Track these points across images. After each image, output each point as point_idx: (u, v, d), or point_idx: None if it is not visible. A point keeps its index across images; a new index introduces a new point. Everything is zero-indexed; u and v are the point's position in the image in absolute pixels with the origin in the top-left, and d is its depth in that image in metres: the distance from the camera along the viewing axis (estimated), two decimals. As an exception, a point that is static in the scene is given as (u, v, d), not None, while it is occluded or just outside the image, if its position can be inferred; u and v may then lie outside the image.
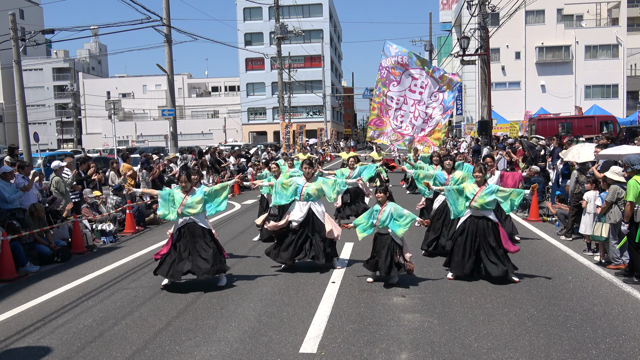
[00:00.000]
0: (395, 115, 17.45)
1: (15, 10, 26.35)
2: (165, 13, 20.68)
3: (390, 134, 17.86)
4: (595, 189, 8.50)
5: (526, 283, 6.96)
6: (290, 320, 5.82)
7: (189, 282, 7.33)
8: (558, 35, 49.94)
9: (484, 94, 22.94)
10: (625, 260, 7.43)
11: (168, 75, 21.67)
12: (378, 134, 17.92)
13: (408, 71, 17.12)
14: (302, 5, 59.64)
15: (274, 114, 60.53)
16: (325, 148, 42.51)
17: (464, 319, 5.70)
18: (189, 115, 70.77)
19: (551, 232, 10.35)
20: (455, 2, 65.57)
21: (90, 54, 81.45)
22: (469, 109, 52.66)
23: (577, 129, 27.54)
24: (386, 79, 17.25)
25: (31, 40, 20.78)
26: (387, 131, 17.77)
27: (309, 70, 61.25)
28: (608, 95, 49.49)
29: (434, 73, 17.09)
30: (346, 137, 76.55)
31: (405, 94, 17.19)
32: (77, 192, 11.45)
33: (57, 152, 27.02)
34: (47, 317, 6.18)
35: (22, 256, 8.45)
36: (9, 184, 9.19)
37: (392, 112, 17.39)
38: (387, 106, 17.42)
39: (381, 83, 17.51)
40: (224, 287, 7.09)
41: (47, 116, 70.91)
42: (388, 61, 17.06)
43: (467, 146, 29.82)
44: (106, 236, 10.83)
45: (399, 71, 17.14)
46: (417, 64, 17.12)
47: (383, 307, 6.17)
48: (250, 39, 63.24)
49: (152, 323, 5.85)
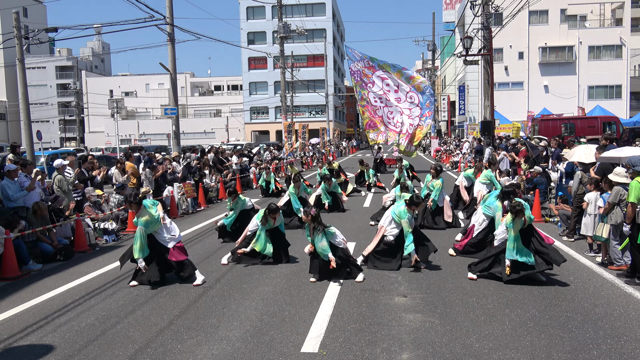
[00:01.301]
0: (384, 112, 17.51)
1: (19, 9, 26.47)
2: (169, 12, 20.71)
3: (386, 133, 17.93)
4: (596, 190, 8.51)
5: (527, 283, 6.95)
6: (292, 319, 5.84)
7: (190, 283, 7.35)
8: (561, 36, 49.85)
9: (487, 94, 22.91)
10: (627, 261, 7.42)
11: (171, 74, 21.69)
12: (377, 134, 18.00)
13: (375, 73, 17.26)
14: (305, 5, 59.71)
15: (277, 113, 60.59)
16: (328, 148, 42.46)
17: (465, 319, 5.71)
18: (192, 114, 70.90)
19: (553, 233, 10.34)
20: (459, 2, 65.51)
21: (93, 53, 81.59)
22: (471, 109, 52.60)
23: (580, 130, 27.52)
24: (361, 81, 17.36)
25: (34, 38, 20.81)
26: (382, 130, 17.81)
27: (312, 69, 61.31)
28: (611, 96, 49.40)
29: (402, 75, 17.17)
30: (349, 137, 76.56)
31: (383, 91, 17.27)
32: (80, 191, 11.48)
33: (59, 151, 27.03)
34: (49, 316, 6.21)
35: (25, 254, 8.49)
36: (13, 182, 9.24)
37: (380, 111, 17.47)
38: (373, 106, 17.50)
39: (359, 87, 17.65)
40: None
41: (50, 114, 71.10)
42: (356, 65, 17.15)
43: (470, 146, 29.80)
44: (108, 235, 10.85)
45: (369, 73, 17.25)
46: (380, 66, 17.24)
47: (384, 307, 6.18)
48: (253, 38, 63.32)
49: (154, 322, 5.87)
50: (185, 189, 14.46)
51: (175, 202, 13.93)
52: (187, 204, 14.56)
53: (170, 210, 13.79)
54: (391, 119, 17.49)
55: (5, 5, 56.90)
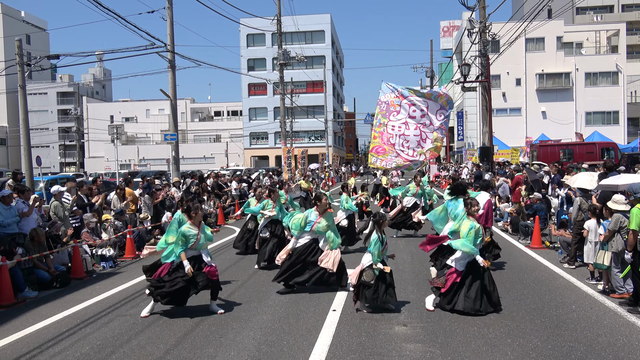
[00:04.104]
0: (399, 142, 17.60)
1: (22, 36, 26.73)
2: (170, 39, 20.96)
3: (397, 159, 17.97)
4: (594, 217, 8.47)
5: (529, 312, 6.88)
6: (290, 349, 5.74)
7: (188, 309, 7.25)
8: (558, 62, 50.43)
9: (485, 120, 23.05)
10: (629, 289, 7.34)
11: (171, 100, 21.85)
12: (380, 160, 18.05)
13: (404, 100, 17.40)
14: (304, 32, 60.42)
15: (276, 138, 60.81)
16: (327, 173, 42.52)
17: (466, 350, 5.61)
18: (192, 139, 71.16)
19: (554, 260, 10.27)
20: (456, 29, 66.49)
21: (94, 79, 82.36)
22: (470, 134, 52.88)
23: (578, 156, 27.59)
24: (386, 111, 17.51)
25: (37, 65, 21.03)
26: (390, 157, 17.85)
27: (311, 95, 61.76)
28: (609, 122, 49.73)
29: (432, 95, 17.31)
30: (347, 162, 76.71)
31: (406, 120, 17.38)
32: (78, 217, 11.43)
33: (59, 176, 27.06)
34: (44, 345, 6.10)
35: (21, 281, 8.39)
36: (7, 208, 9.17)
37: (394, 139, 17.56)
38: (388, 134, 17.60)
39: (381, 115, 17.77)
40: (222, 314, 7.02)
41: (50, 139, 71.35)
42: (386, 96, 17.33)
43: (469, 172, 29.84)
44: (106, 261, 10.76)
45: (397, 102, 17.41)
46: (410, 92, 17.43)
47: (384, 336, 6.08)
48: (253, 64, 63.95)
49: (150, 351, 5.77)
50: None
51: (173, 228, 13.84)
52: (185, 230, 14.46)
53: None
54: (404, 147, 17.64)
55: (10, 33, 57.67)
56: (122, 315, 7.18)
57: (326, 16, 64.58)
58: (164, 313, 7.17)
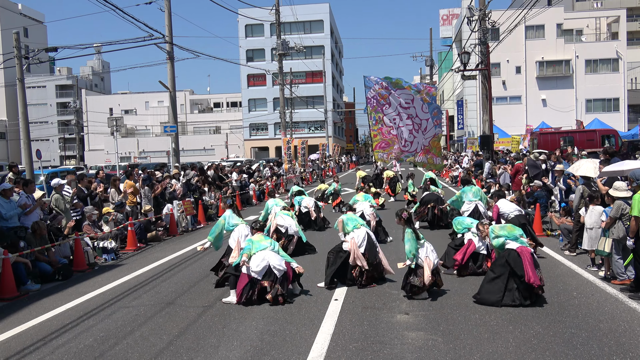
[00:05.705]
0: (399, 133, 17.57)
1: (20, 29, 26.62)
2: (168, 31, 20.85)
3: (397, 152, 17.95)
4: (594, 205, 8.44)
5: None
6: (292, 338, 5.76)
7: (191, 300, 7.27)
8: (558, 50, 50.19)
9: (485, 109, 22.99)
10: (630, 276, 7.36)
11: (170, 92, 21.78)
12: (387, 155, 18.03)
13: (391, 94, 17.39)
14: (303, 22, 60.11)
15: (276, 129, 60.72)
16: (327, 163, 42.52)
17: (468, 337, 5.63)
18: (191, 131, 71.05)
19: (555, 247, 10.28)
20: (456, 17, 66.11)
21: (93, 71, 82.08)
22: (470, 123, 52.73)
23: (579, 143, 27.49)
24: (377, 105, 17.48)
25: (34, 58, 20.93)
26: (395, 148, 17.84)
27: (311, 85, 61.56)
28: (609, 109, 49.58)
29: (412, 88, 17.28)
30: (348, 152, 76.65)
31: (399, 110, 17.36)
32: (79, 210, 11.43)
33: (59, 169, 27.06)
34: (47, 337, 6.13)
35: (23, 274, 8.41)
36: (7, 201, 9.18)
37: (394, 131, 17.54)
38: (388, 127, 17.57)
39: (374, 111, 17.72)
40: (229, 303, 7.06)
41: (49, 133, 71.25)
42: (372, 91, 17.28)
43: (469, 160, 29.80)
44: (107, 254, 10.78)
45: (385, 94, 17.38)
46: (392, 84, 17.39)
47: (386, 325, 6.11)
48: (252, 55, 63.67)
49: (154, 342, 5.79)
50: (185, 207, 14.42)
51: (174, 220, 13.88)
52: (186, 221, 14.51)
53: (170, 228, 13.74)
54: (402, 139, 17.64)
55: (7, 26, 57.40)
56: (125, 307, 7.20)
57: (325, 5, 64.17)
58: (166, 304, 7.19)
